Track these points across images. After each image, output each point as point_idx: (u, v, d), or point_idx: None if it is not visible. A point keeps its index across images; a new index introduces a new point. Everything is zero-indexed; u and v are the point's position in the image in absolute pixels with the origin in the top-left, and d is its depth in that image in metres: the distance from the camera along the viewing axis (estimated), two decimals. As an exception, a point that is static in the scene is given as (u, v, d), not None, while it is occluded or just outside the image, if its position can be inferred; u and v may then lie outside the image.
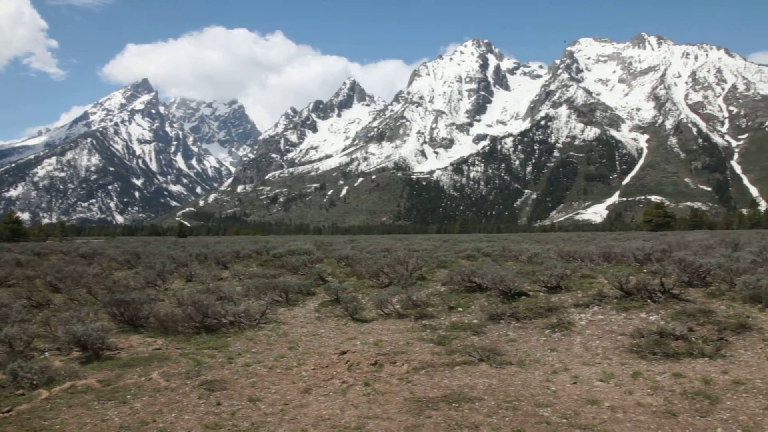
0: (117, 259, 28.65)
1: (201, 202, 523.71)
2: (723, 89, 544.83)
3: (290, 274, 20.97)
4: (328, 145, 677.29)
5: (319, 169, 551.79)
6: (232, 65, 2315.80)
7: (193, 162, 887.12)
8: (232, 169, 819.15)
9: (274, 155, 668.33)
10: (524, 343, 11.21)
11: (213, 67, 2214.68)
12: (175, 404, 8.14)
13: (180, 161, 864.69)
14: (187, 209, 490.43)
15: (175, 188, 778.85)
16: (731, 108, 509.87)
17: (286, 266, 22.43)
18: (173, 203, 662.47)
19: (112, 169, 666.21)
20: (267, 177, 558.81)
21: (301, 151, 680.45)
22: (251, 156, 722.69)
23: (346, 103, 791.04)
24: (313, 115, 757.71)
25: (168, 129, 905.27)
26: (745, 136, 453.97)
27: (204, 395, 8.49)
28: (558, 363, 9.74)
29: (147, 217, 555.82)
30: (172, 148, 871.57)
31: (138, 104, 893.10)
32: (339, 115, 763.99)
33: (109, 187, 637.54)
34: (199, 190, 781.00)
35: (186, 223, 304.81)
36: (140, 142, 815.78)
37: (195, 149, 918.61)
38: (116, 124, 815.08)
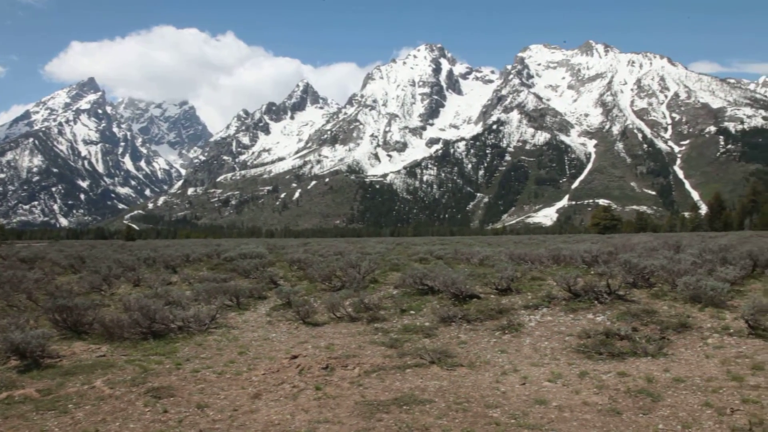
0: (60, 264, 27.71)
1: (150, 205, 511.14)
2: (666, 97, 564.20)
3: (241, 278, 20.66)
4: (281, 147, 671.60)
5: (272, 172, 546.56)
6: (182, 65, 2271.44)
7: (142, 164, 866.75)
8: (183, 171, 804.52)
9: (225, 157, 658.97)
10: (475, 344, 11.31)
11: (162, 66, 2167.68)
12: (120, 413, 7.90)
13: (128, 163, 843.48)
14: (136, 212, 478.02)
15: (123, 190, 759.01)
16: (674, 115, 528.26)
17: (237, 270, 22.09)
18: (121, 206, 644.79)
19: (55, 170, 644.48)
20: (218, 179, 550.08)
21: (253, 153, 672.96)
22: (202, 158, 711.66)
23: (299, 106, 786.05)
24: (266, 117, 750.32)
25: (115, 130, 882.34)
26: (687, 142, 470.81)
27: (150, 403, 8.26)
28: (508, 364, 9.86)
29: (93, 220, 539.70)
30: (120, 150, 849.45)
31: (84, 104, 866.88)
32: (292, 118, 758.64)
33: (53, 189, 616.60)
34: (148, 192, 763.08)
35: (134, 226, 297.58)
36: (86, 142, 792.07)
37: (144, 151, 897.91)
38: (60, 124, 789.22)
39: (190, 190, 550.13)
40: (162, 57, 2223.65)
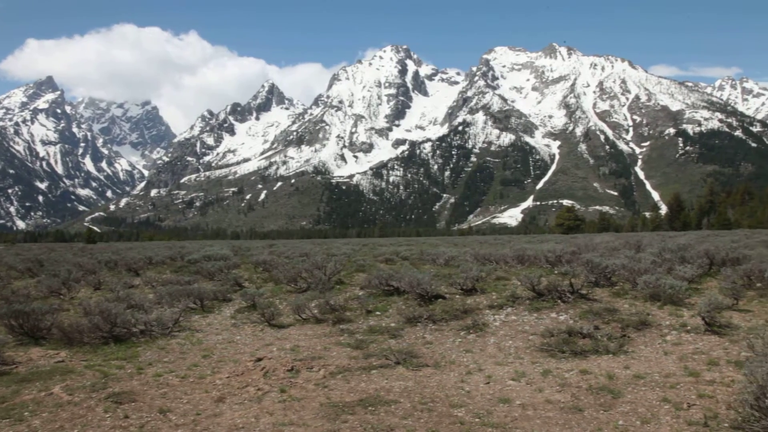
0: (17, 267, 26.96)
1: (112, 207, 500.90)
2: (627, 99, 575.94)
3: (206, 281, 20.41)
4: (246, 148, 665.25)
5: (237, 173, 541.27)
6: (144, 65, 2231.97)
7: (103, 165, 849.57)
8: (146, 173, 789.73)
9: (189, 158, 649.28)
10: (440, 345, 11.37)
11: (123, 66, 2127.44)
12: (79, 419, 7.72)
13: (89, 164, 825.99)
14: (97, 214, 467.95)
15: (84, 192, 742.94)
16: (635, 117, 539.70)
17: (201, 272, 21.81)
18: (81, 208, 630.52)
19: (12, 171, 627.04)
20: (182, 181, 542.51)
21: (218, 154, 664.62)
22: (166, 159, 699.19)
23: (264, 106, 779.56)
24: (231, 118, 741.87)
25: (75, 130, 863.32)
26: (647, 143, 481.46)
27: (110, 408, 8.09)
28: (473, 364, 9.94)
29: (52, 223, 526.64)
30: (80, 150, 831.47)
31: (41, 103, 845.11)
32: (257, 118, 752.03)
33: (9, 191, 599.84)
34: (109, 194, 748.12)
35: (95, 228, 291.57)
36: (44, 143, 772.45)
37: (105, 151, 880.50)
38: (17, 123, 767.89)
39: (154, 192, 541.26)
40: (123, 56, 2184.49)
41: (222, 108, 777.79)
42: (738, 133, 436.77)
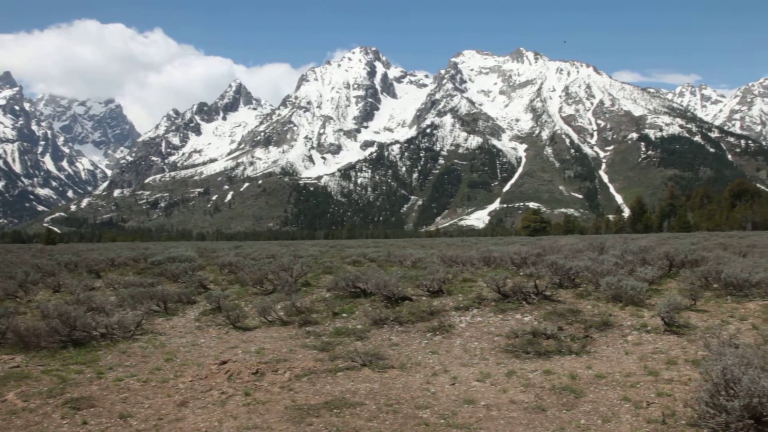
0: (-27, 269, 26.17)
1: (73, 207, 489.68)
2: (592, 104, 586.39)
3: (170, 283, 20.09)
4: (213, 148, 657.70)
5: (203, 174, 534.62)
6: (107, 62, 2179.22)
7: (64, 164, 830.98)
8: (109, 172, 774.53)
9: (154, 158, 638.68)
10: (406, 346, 11.39)
11: (85, 62, 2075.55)
12: (34, 426, 7.52)
13: (49, 163, 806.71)
14: (57, 214, 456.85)
15: (43, 192, 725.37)
16: (599, 121, 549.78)
17: (165, 274, 21.47)
18: (40, 208, 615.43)
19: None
20: (147, 181, 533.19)
21: (183, 154, 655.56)
22: (129, 158, 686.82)
23: (231, 106, 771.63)
24: (197, 118, 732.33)
25: (35, 127, 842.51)
26: (611, 147, 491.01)
27: (68, 415, 7.90)
28: (438, 365, 9.98)
29: (9, 223, 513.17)
30: (40, 149, 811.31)
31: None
32: (224, 118, 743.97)
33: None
34: (70, 194, 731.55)
35: (55, 229, 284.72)
36: (1, 141, 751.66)
37: (66, 150, 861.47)
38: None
39: (117, 192, 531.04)
40: (85, 52, 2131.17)
41: (188, 107, 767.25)
42: (697, 138, 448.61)
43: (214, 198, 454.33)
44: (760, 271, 13.55)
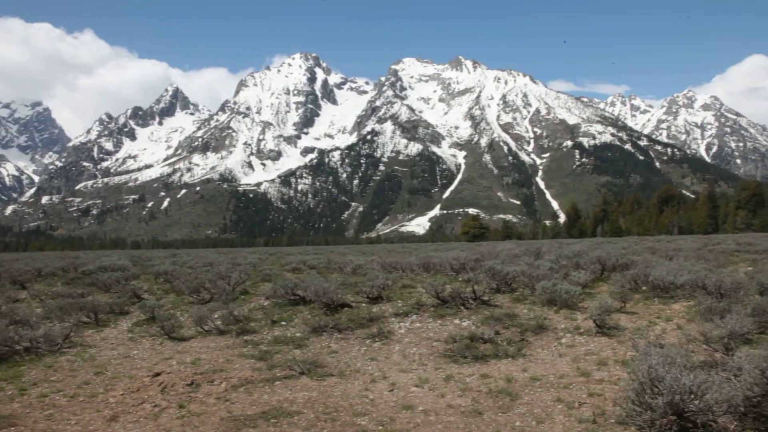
0: None
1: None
2: (529, 112, 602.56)
3: (101, 293, 19.37)
4: (148, 154, 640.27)
5: (138, 180, 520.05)
6: (33, 62, 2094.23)
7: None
8: (36, 178, 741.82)
9: (86, 164, 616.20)
10: (345, 354, 11.35)
11: (9, 62, 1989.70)
12: (-49, 446, 7.11)
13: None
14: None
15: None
16: (535, 129, 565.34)
17: (96, 284, 20.68)
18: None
19: None
20: (78, 187, 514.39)
21: (117, 159, 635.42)
22: (59, 164, 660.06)
23: (168, 111, 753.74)
24: (132, 122, 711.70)
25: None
26: (547, 155, 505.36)
27: (-12, 434, 7.51)
28: (377, 372, 9.98)
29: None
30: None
31: None
32: (160, 123, 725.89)
33: None
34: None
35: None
36: None
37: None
38: None
39: (45, 199, 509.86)
40: (9, 52, 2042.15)
41: (122, 111, 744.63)
42: (628, 146, 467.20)
43: (149, 205, 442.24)
44: (685, 274, 14.18)
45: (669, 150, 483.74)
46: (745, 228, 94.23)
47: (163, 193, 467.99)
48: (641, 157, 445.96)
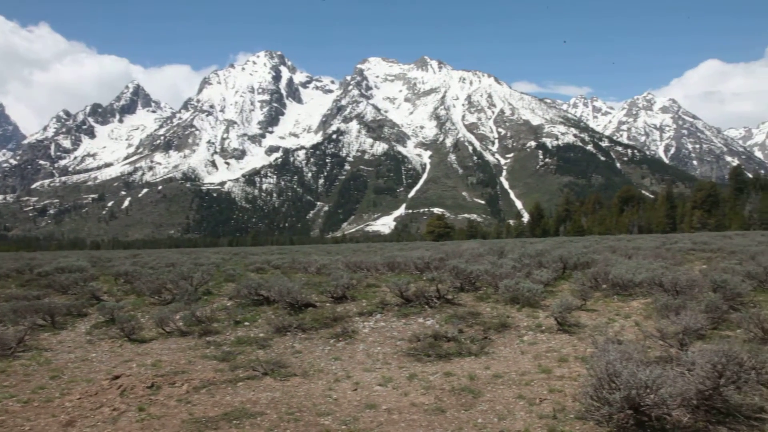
0: None
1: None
2: (493, 113, 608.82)
3: (58, 295, 18.90)
4: (108, 152, 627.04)
5: (98, 179, 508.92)
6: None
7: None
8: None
9: (42, 162, 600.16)
10: (309, 353, 11.31)
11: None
12: None
13: None
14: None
15: None
16: (500, 130, 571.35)
17: (53, 286, 20.16)
18: None
19: None
20: (34, 186, 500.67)
21: (76, 158, 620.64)
22: (13, 162, 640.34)
23: (129, 108, 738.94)
24: (91, 120, 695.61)
25: None
26: (511, 155, 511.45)
27: (-63, 441, 7.26)
28: (341, 371, 9.97)
29: None
30: None
31: None
32: (121, 121, 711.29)
33: None
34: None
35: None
36: None
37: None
38: None
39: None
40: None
41: (80, 108, 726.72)
42: (590, 147, 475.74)
43: (109, 204, 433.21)
44: (643, 272, 14.51)
45: (629, 151, 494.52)
46: (701, 227, 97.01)
47: (123, 193, 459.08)
48: (603, 158, 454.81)
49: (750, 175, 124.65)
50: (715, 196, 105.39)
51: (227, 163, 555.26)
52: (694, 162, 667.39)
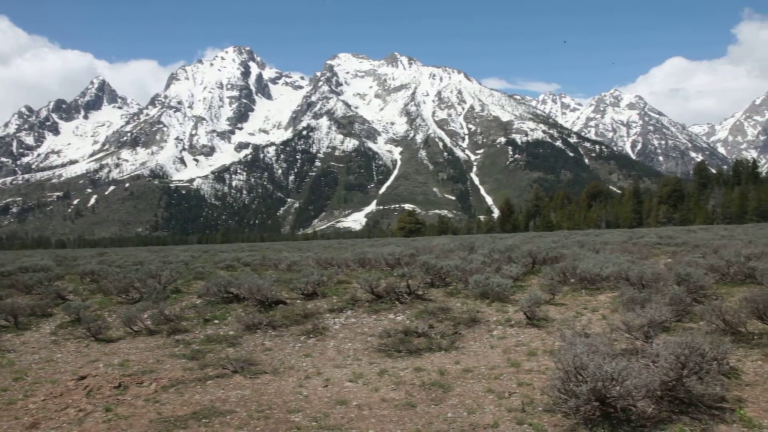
0: None
1: None
2: (463, 109, 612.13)
3: (22, 295, 18.47)
4: (73, 149, 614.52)
5: (63, 176, 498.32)
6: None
7: None
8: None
9: (4, 159, 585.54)
10: (280, 351, 11.26)
11: None
12: None
13: None
14: None
15: None
16: (470, 126, 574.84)
17: (16, 286, 19.68)
18: None
19: None
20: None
21: (39, 155, 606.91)
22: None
23: (94, 104, 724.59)
24: (54, 116, 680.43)
25: None
26: (481, 151, 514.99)
27: None
28: (312, 368, 9.95)
29: None
30: None
31: None
32: (86, 117, 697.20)
33: None
34: None
35: None
36: None
37: None
38: None
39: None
40: None
41: (44, 104, 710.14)
42: (558, 143, 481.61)
43: (75, 202, 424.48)
44: (610, 266, 14.75)
45: (597, 147, 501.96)
46: (667, 222, 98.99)
47: (89, 190, 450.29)
48: (571, 154, 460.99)
49: (713, 171, 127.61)
50: (680, 192, 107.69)
51: (196, 160, 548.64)
52: (660, 158, 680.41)
